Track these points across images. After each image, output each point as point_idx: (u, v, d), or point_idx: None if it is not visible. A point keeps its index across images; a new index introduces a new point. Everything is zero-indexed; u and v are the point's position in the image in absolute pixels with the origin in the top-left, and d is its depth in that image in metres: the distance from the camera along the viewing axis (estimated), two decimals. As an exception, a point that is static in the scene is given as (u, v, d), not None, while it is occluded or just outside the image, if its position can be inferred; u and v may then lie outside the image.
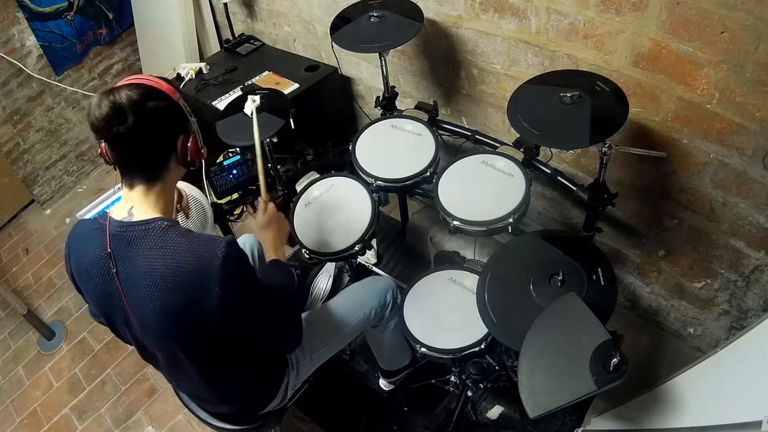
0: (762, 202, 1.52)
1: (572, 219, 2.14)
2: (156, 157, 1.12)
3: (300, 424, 2.01)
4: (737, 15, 1.28)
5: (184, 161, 1.15)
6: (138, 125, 1.02)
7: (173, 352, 1.17)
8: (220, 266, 1.04)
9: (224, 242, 1.07)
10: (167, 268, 1.04)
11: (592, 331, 1.18)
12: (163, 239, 1.06)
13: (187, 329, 1.11)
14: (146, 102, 1.03)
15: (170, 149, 1.12)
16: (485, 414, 1.90)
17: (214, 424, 1.46)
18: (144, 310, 1.09)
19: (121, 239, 1.08)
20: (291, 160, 2.49)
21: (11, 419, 2.38)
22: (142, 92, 1.03)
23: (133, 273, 1.07)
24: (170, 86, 1.11)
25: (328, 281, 2.24)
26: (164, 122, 1.09)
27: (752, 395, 1.03)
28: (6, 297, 2.49)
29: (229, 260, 1.06)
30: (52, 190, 3.38)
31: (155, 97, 1.06)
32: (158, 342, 1.17)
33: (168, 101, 1.08)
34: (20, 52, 2.92)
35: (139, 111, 1.02)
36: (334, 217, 1.78)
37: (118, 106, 1.00)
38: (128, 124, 1.01)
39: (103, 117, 1.00)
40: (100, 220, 1.13)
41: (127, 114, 1.00)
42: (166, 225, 1.08)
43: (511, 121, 1.51)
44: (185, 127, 1.15)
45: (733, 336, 1.47)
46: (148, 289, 1.06)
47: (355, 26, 1.93)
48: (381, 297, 1.65)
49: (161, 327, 1.10)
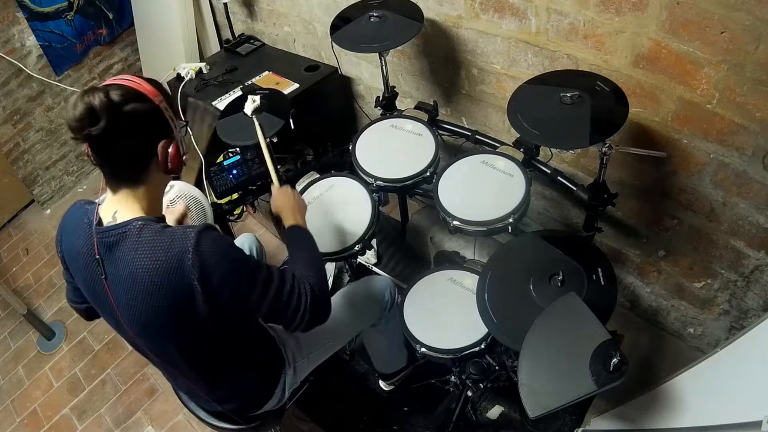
0: (762, 202, 1.52)
1: (572, 219, 2.14)
2: (134, 161, 1.07)
3: (300, 424, 2.01)
4: (737, 15, 1.28)
5: (164, 168, 1.09)
6: (111, 128, 0.98)
7: (165, 351, 1.17)
8: (191, 259, 1.01)
9: (194, 232, 1.03)
10: (145, 270, 1.02)
11: (592, 331, 1.19)
12: (138, 240, 1.04)
13: (177, 328, 1.10)
14: (123, 105, 0.99)
15: (149, 154, 1.07)
16: (485, 414, 1.90)
17: (213, 423, 1.46)
18: (132, 312, 1.08)
19: (102, 244, 1.07)
20: (291, 160, 2.49)
21: (11, 419, 2.38)
22: (120, 94, 1.00)
23: (118, 277, 1.06)
24: (153, 89, 1.05)
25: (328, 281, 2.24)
26: (141, 126, 1.03)
27: (752, 395, 1.03)
28: (6, 297, 2.49)
29: (201, 248, 1.02)
30: (52, 190, 3.38)
31: (134, 99, 1.01)
32: (150, 342, 1.16)
33: (148, 105, 1.03)
34: (20, 52, 2.92)
35: (114, 114, 0.98)
36: (334, 217, 1.78)
37: (92, 108, 0.96)
38: (101, 127, 0.97)
39: (76, 118, 0.97)
40: (89, 215, 1.11)
41: (100, 116, 0.97)
42: (140, 225, 1.05)
43: (511, 121, 1.51)
44: (167, 133, 1.09)
45: (733, 336, 1.47)
46: (132, 293, 1.04)
47: (355, 26, 1.93)
48: (379, 297, 1.65)
49: (151, 328, 1.09)
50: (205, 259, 1.02)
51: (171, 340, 1.13)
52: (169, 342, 1.13)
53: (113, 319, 1.15)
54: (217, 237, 1.07)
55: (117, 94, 0.99)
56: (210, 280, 1.03)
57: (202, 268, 1.02)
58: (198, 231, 1.04)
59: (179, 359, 1.17)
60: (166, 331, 1.10)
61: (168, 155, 1.08)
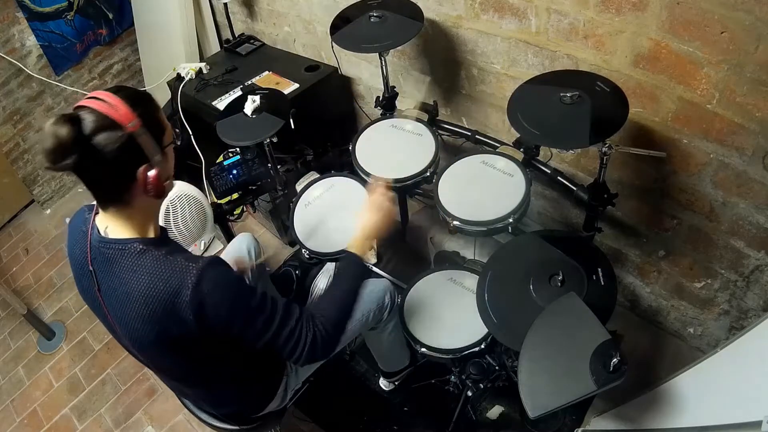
0: (762, 202, 1.52)
1: (572, 219, 2.14)
2: (114, 186, 1.03)
3: (300, 425, 2.01)
4: (737, 15, 1.28)
5: (146, 192, 1.03)
6: (83, 161, 0.95)
7: (162, 363, 1.17)
8: (190, 296, 0.99)
9: (196, 269, 1.01)
10: (140, 294, 1.01)
11: (592, 331, 1.18)
12: (137, 263, 1.03)
13: (172, 347, 1.09)
14: (92, 136, 0.95)
15: (128, 179, 1.02)
16: (485, 414, 1.90)
17: (214, 424, 1.46)
18: (127, 327, 1.08)
19: (100, 254, 1.06)
20: (291, 160, 2.49)
21: (11, 419, 2.38)
22: (91, 121, 0.95)
23: (114, 292, 1.06)
24: (129, 112, 0.98)
25: (328, 281, 2.24)
26: (113, 156, 0.97)
27: (752, 395, 1.03)
28: (6, 297, 2.49)
29: (201, 288, 1.01)
30: (52, 190, 3.38)
31: (104, 128, 0.95)
32: (145, 354, 1.16)
33: (120, 133, 0.96)
34: (20, 52, 2.92)
35: (83, 147, 0.94)
36: (334, 217, 1.78)
37: (62, 143, 0.92)
38: (73, 161, 0.94)
39: (48, 151, 0.93)
40: (86, 223, 1.10)
41: (69, 151, 0.93)
42: (141, 248, 1.04)
43: (511, 121, 1.51)
44: (144, 159, 1.01)
45: (733, 336, 1.47)
46: (126, 310, 1.04)
47: (355, 26, 1.93)
48: (379, 299, 1.64)
49: (145, 344, 1.09)
50: (203, 297, 1.01)
51: (166, 354, 1.12)
52: (166, 357, 1.13)
53: (111, 329, 1.16)
54: (220, 275, 1.05)
55: (88, 123, 0.95)
56: (206, 318, 1.02)
57: (199, 306, 1.01)
58: (201, 268, 1.02)
59: (176, 369, 1.18)
60: (161, 349, 1.10)
61: (147, 180, 1.02)
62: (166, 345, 1.08)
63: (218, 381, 1.27)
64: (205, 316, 1.02)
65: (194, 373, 1.20)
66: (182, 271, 1.01)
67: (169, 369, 1.17)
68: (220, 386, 1.29)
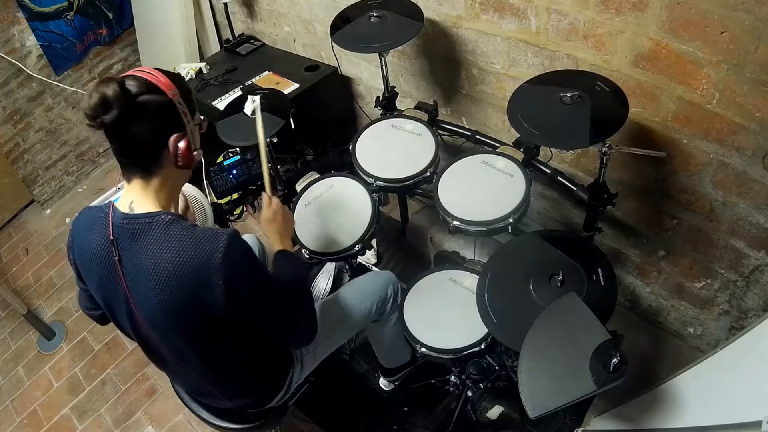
0: (762, 202, 1.52)
1: (572, 219, 2.14)
2: (146, 151, 1.09)
3: (300, 424, 2.01)
4: (737, 15, 1.28)
5: (175, 161, 1.10)
6: (123, 117, 1.01)
7: (179, 346, 1.17)
8: (222, 259, 1.04)
9: (226, 235, 1.07)
10: (170, 263, 1.04)
11: (592, 331, 1.18)
12: (166, 233, 1.06)
13: (192, 323, 1.11)
14: (136, 96, 1.02)
15: (160, 146, 1.09)
16: (485, 414, 1.90)
17: (215, 423, 1.46)
18: (148, 305, 1.09)
19: (125, 231, 1.08)
20: (291, 160, 2.49)
21: (11, 419, 2.38)
22: (134, 85, 1.03)
23: (137, 267, 1.07)
24: (170, 82, 1.08)
25: (328, 281, 2.24)
26: (152, 117, 1.05)
27: (752, 395, 1.03)
28: (6, 297, 2.49)
29: (232, 252, 1.06)
30: (52, 190, 3.38)
31: (147, 91, 1.04)
32: (163, 336, 1.16)
33: (162, 97, 1.06)
34: (20, 52, 2.92)
35: (126, 104, 1.01)
36: (334, 217, 1.78)
37: (106, 98, 0.99)
38: (113, 116, 1.00)
39: (90, 107, 1.00)
40: (104, 209, 1.13)
41: (112, 106, 1.00)
42: (169, 219, 1.08)
43: (511, 121, 1.51)
44: (179, 127, 1.10)
45: (733, 336, 1.47)
46: (152, 283, 1.06)
47: (355, 26, 1.93)
48: (382, 291, 1.66)
49: (166, 321, 1.11)
50: (233, 261, 1.06)
51: (184, 335, 1.14)
52: (183, 336, 1.14)
53: (126, 314, 1.16)
54: (246, 245, 1.12)
55: (132, 85, 1.03)
56: (235, 283, 1.07)
57: (230, 270, 1.05)
58: (230, 234, 1.07)
59: (191, 354, 1.18)
60: (181, 324, 1.11)
61: (178, 149, 1.09)
62: (188, 317, 1.10)
63: (230, 368, 1.28)
64: (235, 279, 1.06)
65: (208, 356, 1.21)
66: (213, 237, 1.06)
67: (183, 350, 1.17)
68: (232, 373, 1.30)
